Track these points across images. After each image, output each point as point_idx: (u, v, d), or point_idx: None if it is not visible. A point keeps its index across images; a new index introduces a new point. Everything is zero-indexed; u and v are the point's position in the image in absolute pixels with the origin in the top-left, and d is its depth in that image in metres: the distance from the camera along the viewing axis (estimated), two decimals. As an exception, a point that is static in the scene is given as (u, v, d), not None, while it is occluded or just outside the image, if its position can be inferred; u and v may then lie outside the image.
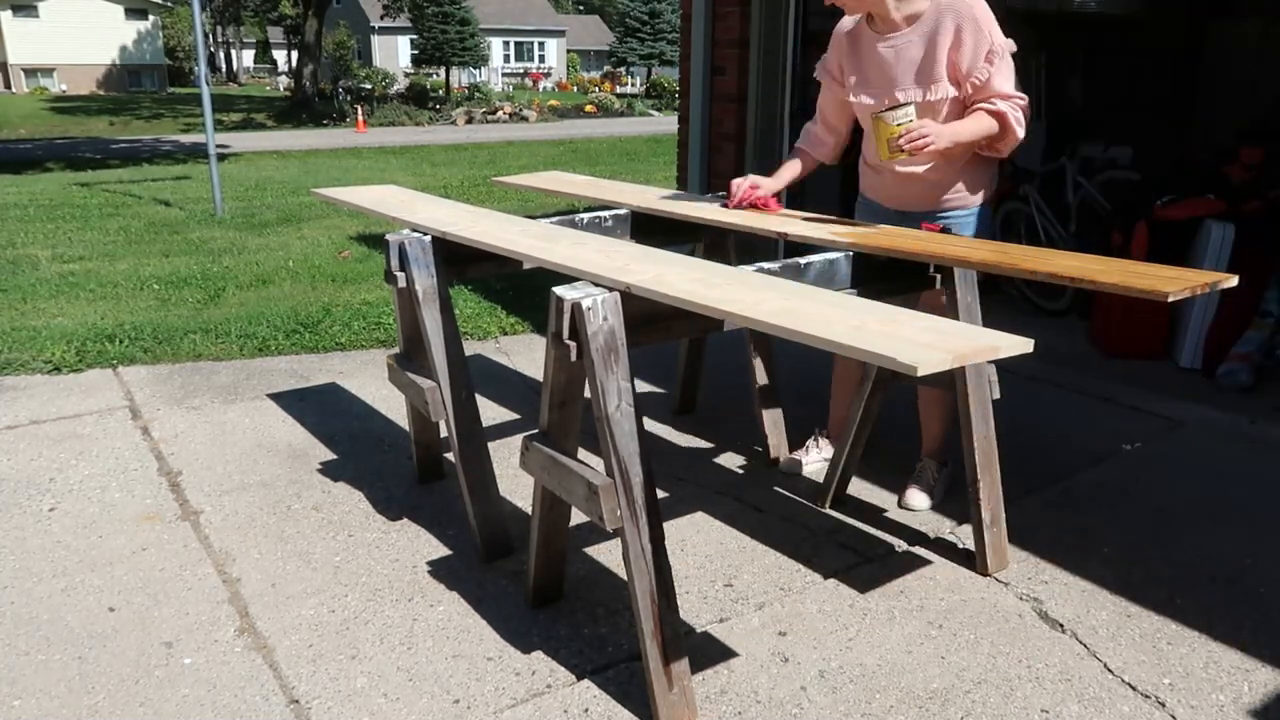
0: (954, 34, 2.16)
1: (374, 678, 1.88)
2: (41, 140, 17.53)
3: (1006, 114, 2.17)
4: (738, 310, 1.54)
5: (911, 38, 2.22)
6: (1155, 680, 1.89)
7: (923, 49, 2.20)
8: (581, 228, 2.50)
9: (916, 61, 2.22)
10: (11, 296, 4.79)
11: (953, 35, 2.16)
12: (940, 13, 2.17)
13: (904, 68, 2.24)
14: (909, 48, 2.22)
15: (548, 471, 1.87)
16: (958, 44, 2.16)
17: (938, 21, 2.18)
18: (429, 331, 2.29)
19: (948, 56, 2.17)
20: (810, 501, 2.64)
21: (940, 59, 2.18)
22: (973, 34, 2.14)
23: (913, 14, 2.21)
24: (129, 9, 37.00)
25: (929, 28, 2.19)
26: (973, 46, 2.15)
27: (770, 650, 1.98)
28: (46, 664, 1.92)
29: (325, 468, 2.85)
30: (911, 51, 2.22)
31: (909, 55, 2.23)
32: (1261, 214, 3.86)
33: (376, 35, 39.95)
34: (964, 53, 2.16)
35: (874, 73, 2.30)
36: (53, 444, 3.00)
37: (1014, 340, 1.44)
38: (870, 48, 2.29)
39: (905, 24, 2.22)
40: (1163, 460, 2.93)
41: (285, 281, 5.23)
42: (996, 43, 2.16)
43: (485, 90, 29.43)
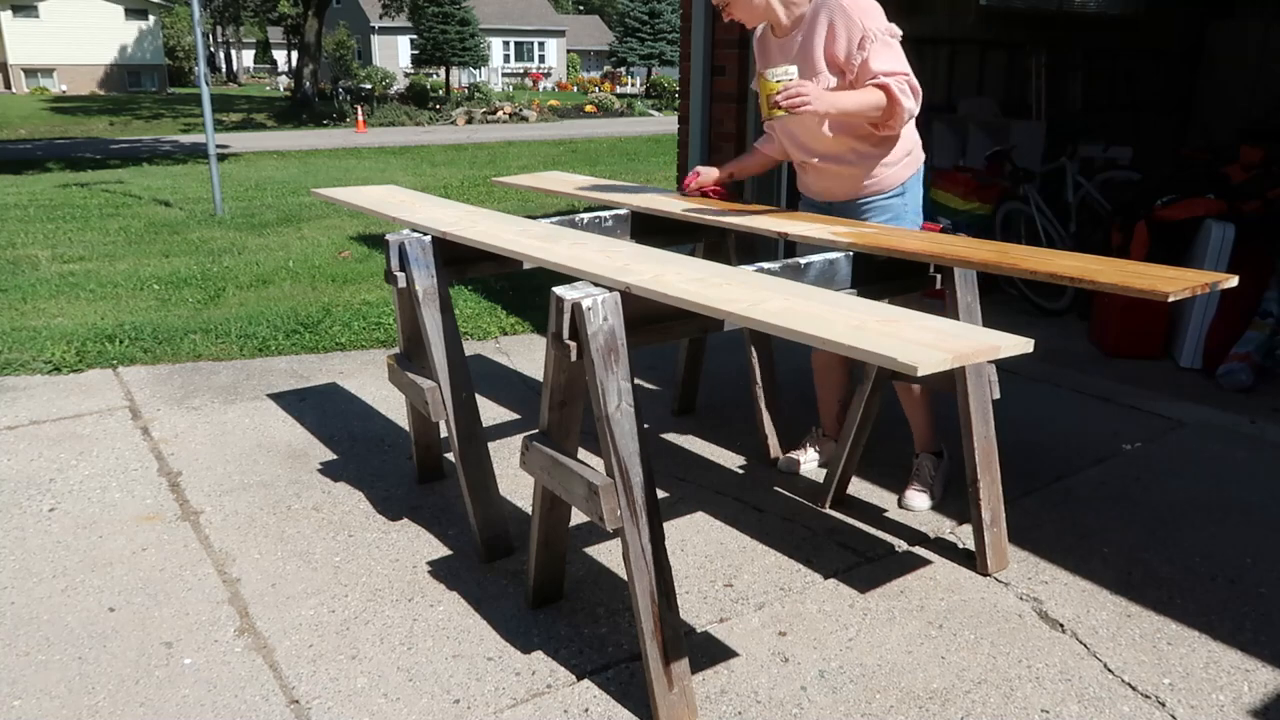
0: (828, 27, 2.30)
1: (374, 678, 1.89)
2: (41, 140, 17.53)
3: (889, 85, 2.24)
4: (737, 310, 1.54)
5: (796, 37, 2.38)
6: (1155, 680, 1.89)
7: (806, 44, 2.36)
8: (581, 228, 2.50)
9: (804, 57, 2.35)
10: (11, 297, 4.79)
11: (826, 28, 2.30)
12: (816, 10, 2.34)
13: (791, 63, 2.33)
14: (793, 45, 2.39)
15: (548, 471, 1.87)
16: (832, 36, 2.30)
17: (813, 18, 2.34)
18: (429, 331, 2.29)
19: (825, 48, 2.32)
20: (810, 501, 2.64)
21: (818, 51, 2.32)
22: (844, 25, 2.28)
23: (799, 16, 2.38)
24: (129, 9, 36.99)
25: (808, 25, 2.35)
26: (845, 36, 2.28)
27: (770, 650, 1.98)
28: (46, 664, 1.92)
29: (325, 468, 2.85)
30: (794, 48, 2.38)
31: (792, 52, 2.39)
32: (1261, 214, 3.86)
33: (376, 35, 39.95)
34: (839, 43, 2.29)
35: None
36: (53, 444, 3.00)
37: (1014, 340, 1.44)
38: (772, 49, 2.47)
39: (793, 26, 2.39)
40: (1163, 460, 2.93)
41: (285, 281, 5.24)
42: (869, 28, 2.26)
43: (485, 90, 29.43)
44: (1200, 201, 3.91)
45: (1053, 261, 1.87)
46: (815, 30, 2.32)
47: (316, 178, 10.61)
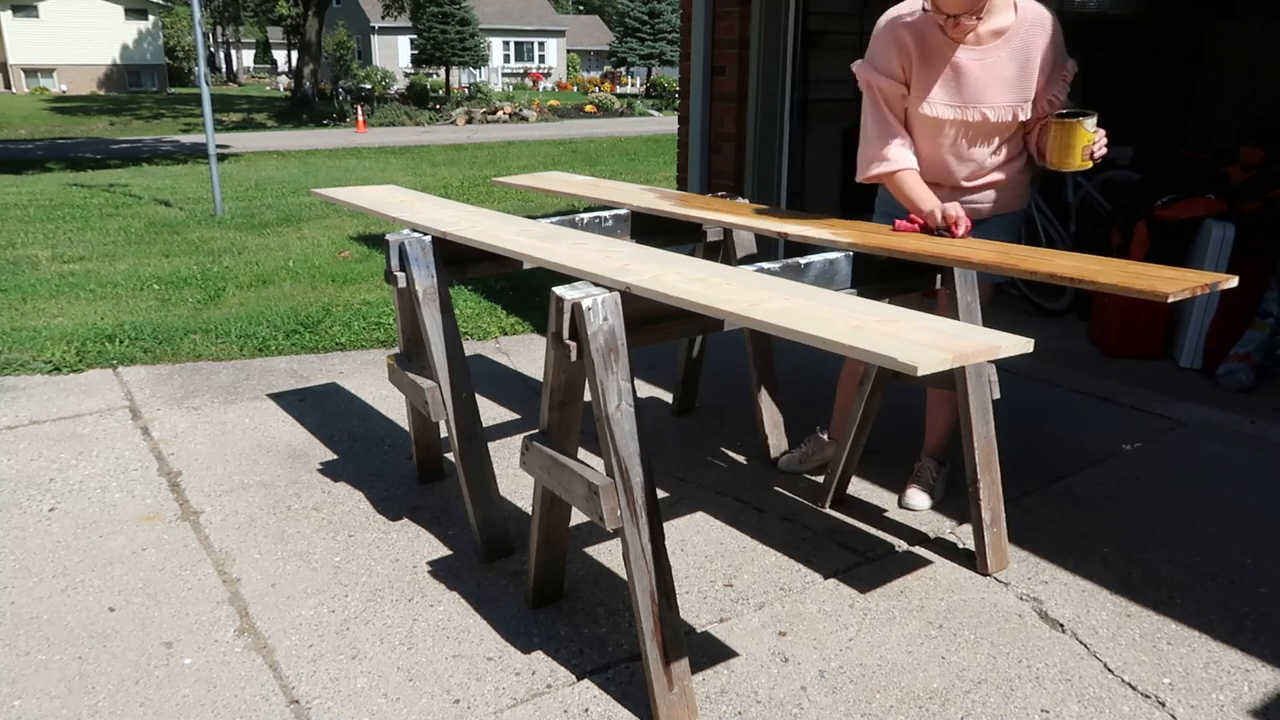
0: (1044, 51, 2.12)
1: (374, 678, 1.89)
2: (42, 140, 17.53)
3: None
4: (737, 310, 1.54)
5: (1000, 53, 2.14)
6: (1155, 680, 1.89)
7: (1015, 65, 2.13)
8: (581, 228, 2.50)
9: (1010, 79, 2.14)
10: (11, 296, 4.79)
11: (1043, 52, 2.12)
12: (1030, 28, 2.13)
13: (994, 81, 2.15)
14: (999, 63, 2.14)
15: (548, 471, 1.87)
16: (1047, 61, 2.13)
17: (1029, 37, 2.12)
18: (429, 331, 2.29)
19: (1037, 74, 2.14)
20: (810, 501, 2.64)
21: (1033, 75, 2.14)
22: (1059, 53, 2.14)
23: (999, 28, 2.13)
24: (129, 9, 37.00)
25: (1021, 44, 2.13)
26: (1057, 65, 2.14)
27: (770, 650, 1.98)
28: (46, 664, 1.92)
29: (325, 468, 2.85)
30: (1003, 67, 2.14)
31: (1000, 71, 2.14)
32: (1261, 214, 3.86)
33: (376, 35, 39.95)
34: (1050, 71, 2.14)
35: (954, 83, 2.17)
36: (53, 444, 3.00)
37: (1014, 340, 1.44)
38: (942, 57, 2.16)
39: (992, 38, 2.14)
40: (1163, 460, 2.93)
41: (285, 281, 5.24)
42: (1069, 63, 2.17)
43: (485, 90, 29.43)
44: (1200, 201, 3.91)
45: (1052, 262, 1.87)
46: (1032, 51, 2.12)
47: (316, 178, 10.61)
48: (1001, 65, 2.14)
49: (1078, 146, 2.04)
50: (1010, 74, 2.14)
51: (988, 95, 2.16)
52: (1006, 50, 2.13)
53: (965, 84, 2.17)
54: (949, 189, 2.30)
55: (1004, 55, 2.14)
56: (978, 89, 2.16)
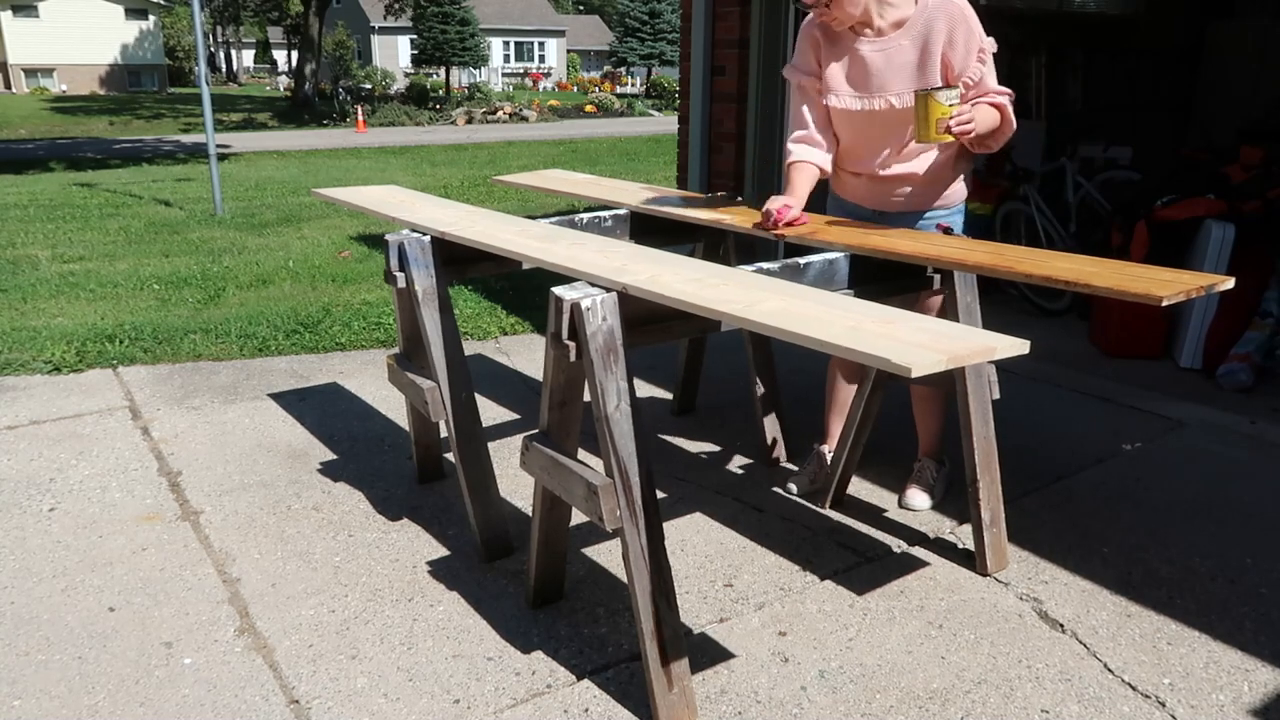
0: (947, 35, 2.17)
1: (374, 678, 1.89)
2: (43, 140, 17.53)
3: (1006, 106, 2.19)
4: (733, 311, 1.54)
5: (901, 42, 2.22)
6: (1155, 680, 1.89)
7: (915, 52, 2.20)
8: (581, 228, 2.50)
9: (910, 65, 2.21)
10: (11, 296, 4.79)
11: (945, 36, 2.18)
12: (930, 16, 2.19)
13: (895, 71, 2.23)
14: (899, 52, 2.22)
15: (548, 472, 1.87)
16: (951, 44, 2.18)
17: (929, 25, 2.19)
18: (428, 331, 2.29)
19: (942, 58, 2.19)
20: (810, 502, 2.64)
21: (935, 61, 2.19)
22: (964, 35, 2.17)
23: (899, 19, 2.22)
24: (129, 9, 37.00)
25: (920, 31, 2.20)
26: (964, 47, 2.17)
27: (770, 650, 1.98)
28: (46, 664, 1.92)
29: (325, 468, 2.85)
30: (903, 56, 2.21)
31: (900, 59, 2.22)
32: (1261, 214, 3.86)
33: (376, 35, 39.95)
34: (957, 53, 2.18)
35: (860, 75, 2.27)
36: (53, 444, 3.00)
37: (1010, 341, 1.44)
38: (849, 50, 2.27)
39: (892, 29, 2.23)
40: (1163, 460, 2.93)
41: (285, 281, 5.24)
42: (985, 41, 2.19)
43: (485, 90, 29.42)
44: (1200, 201, 3.91)
45: (1049, 264, 1.87)
46: (932, 37, 2.17)
47: (316, 178, 10.61)
48: (903, 54, 2.21)
49: (931, 119, 2.07)
50: (911, 61, 2.20)
51: (891, 84, 2.23)
52: (907, 39, 2.21)
53: (869, 75, 2.25)
54: (868, 178, 2.38)
55: (905, 44, 2.21)
56: (881, 79, 2.24)
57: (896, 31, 2.22)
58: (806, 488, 2.70)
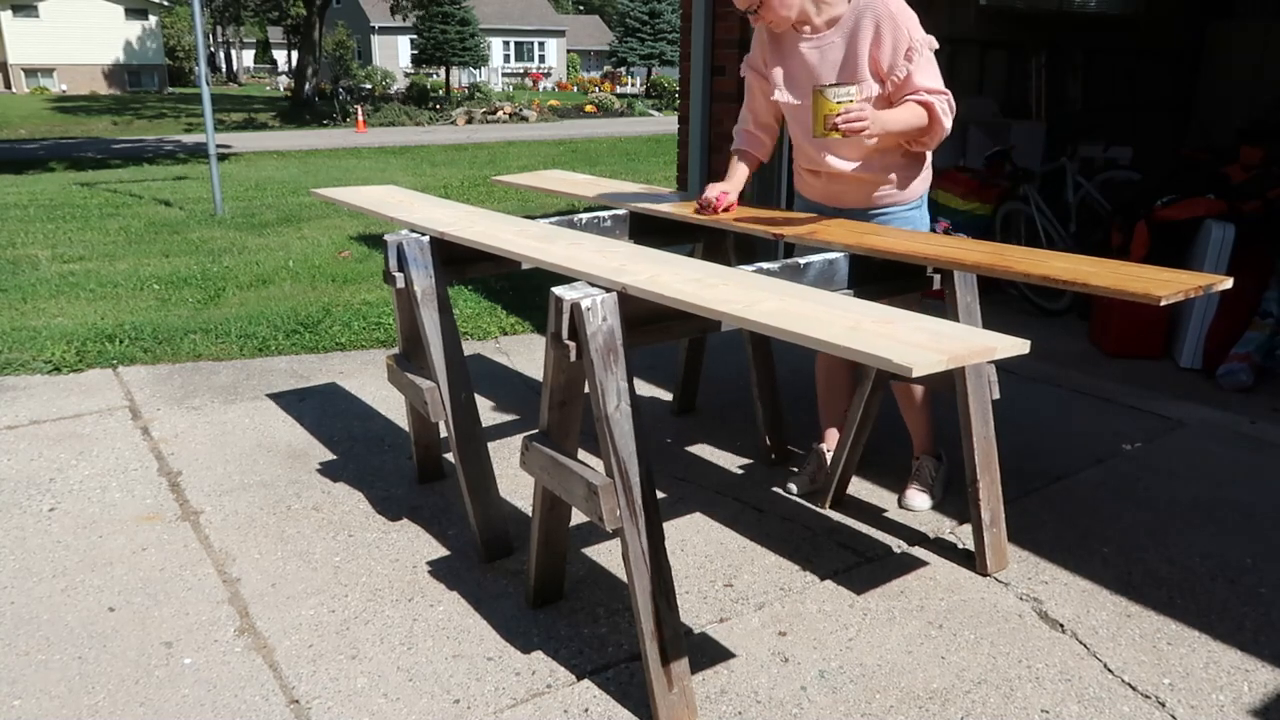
0: (873, 32, 2.21)
1: (374, 678, 1.89)
2: (44, 140, 17.53)
3: (934, 105, 2.21)
4: (733, 311, 1.54)
5: (834, 39, 2.28)
6: (1155, 680, 1.89)
7: (843, 49, 2.26)
8: (580, 228, 2.50)
9: (839, 62, 2.27)
10: (12, 296, 4.80)
11: (872, 33, 2.21)
12: (859, 13, 2.23)
13: (827, 68, 2.29)
14: (831, 49, 2.28)
15: (548, 471, 1.87)
16: (877, 41, 2.21)
17: (857, 22, 2.24)
18: (428, 332, 2.30)
19: (869, 54, 2.23)
20: (810, 502, 2.64)
21: (862, 58, 2.23)
22: (891, 31, 2.20)
23: (833, 17, 2.27)
24: (129, 9, 36.99)
25: (849, 28, 2.25)
26: (892, 44, 2.20)
27: (770, 650, 1.98)
28: (46, 664, 1.92)
29: (325, 468, 2.85)
30: (834, 53, 2.28)
31: (832, 56, 2.28)
32: (1261, 214, 3.86)
33: (376, 35, 39.94)
34: (884, 50, 2.21)
35: (798, 72, 2.35)
36: (53, 444, 3.00)
37: (1010, 341, 1.44)
38: (793, 48, 2.35)
39: (826, 27, 2.29)
40: (1163, 461, 2.93)
41: (285, 281, 5.24)
42: (915, 38, 2.20)
43: (485, 90, 29.42)
44: (1200, 201, 3.91)
45: (1047, 264, 1.87)
46: (859, 35, 2.23)
47: (316, 178, 10.61)
48: (835, 51, 2.28)
49: (819, 115, 2.11)
50: (839, 58, 2.27)
51: (822, 79, 2.29)
52: (839, 36, 2.27)
53: (806, 71, 2.33)
54: (825, 175, 2.44)
55: (837, 41, 2.28)
56: (815, 75, 2.31)
57: (830, 29, 2.28)
58: (806, 487, 2.70)
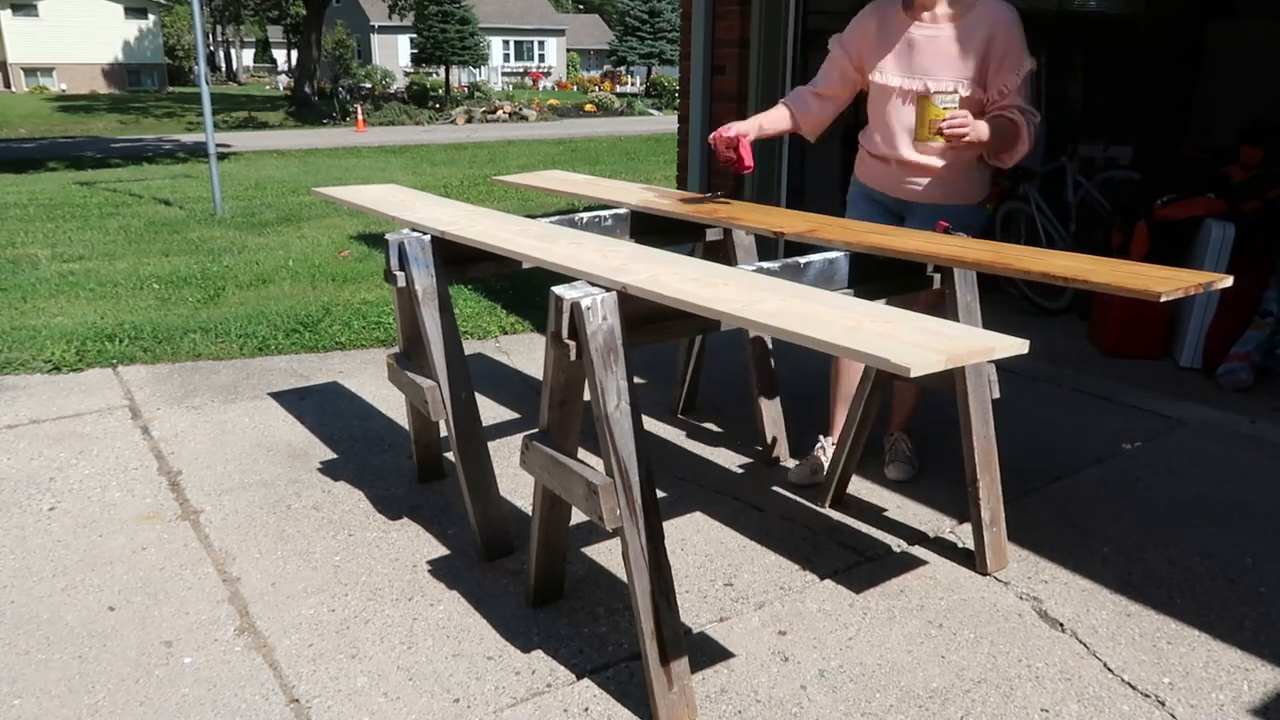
0: (990, 36, 2.28)
1: (374, 677, 1.89)
2: (44, 139, 17.52)
3: (1023, 125, 2.29)
4: (733, 310, 1.54)
5: (949, 32, 2.31)
6: (1155, 679, 1.89)
7: (959, 47, 2.30)
8: (581, 227, 2.50)
9: (955, 57, 2.31)
10: (11, 296, 4.79)
11: (988, 39, 2.28)
12: (985, 16, 2.29)
13: (940, 59, 2.32)
14: (949, 42, 2.31)
15: (548, 471, 1.87)
16: (992, 48, 2.28)
17: (981, 24, 2.29)
18: (428, 331, 2.30)
19: (981, 57, 2.28)
20: (810, 501, 2.64)
21: (977, 59, 2.29)
22: (1005, 42, 2.27)
23: (954, 11, 2.32)
24: (129, 8, 36.98)
25: (972, 28, 2.29)
26: (1004, 55, 2.28)
27: (770, 649, 1.98)
28: (46, 663, 1.92)
29: (325, 467, 2.85)
30: (948, 46, 2.31)
31: (948, 49, 2.31)
32: (1261, 213, 3.86)
33: (376, 34, 39.92)
34: (994, 57, 2.28)
35: (906, 55, 2.37)
36: (52, 443, 3.00)
37: (1009, 341, 1.44)
38: (903, 30, 2.37)
39: (945, 19, 2.32)
40: (1162, 460, 2.93)
41: (285, 281, 5.24)
42: (1027, 58, 2.30)
43: (485, 89, 29.40)
44: (1200, 201, 3.91)
45: (1047, 261, 1.87)
46: (975, 36, 2.28)
47: (316, 177, 10.61)
48: (948, 44, 2.32)
49: (925, 119, 2.21)
50: (954, 53, 2.32)
51: (932, 69, 2.34)
52: (956, 31, 2.32)
53: (914, 56, 2.36)
54: (895, 162, 2.48)
55: (952, 34, 2.32)
56: (924, 62, 2.35)
57: (950, 23, 2.32)
58: (806, 479, 2.71)
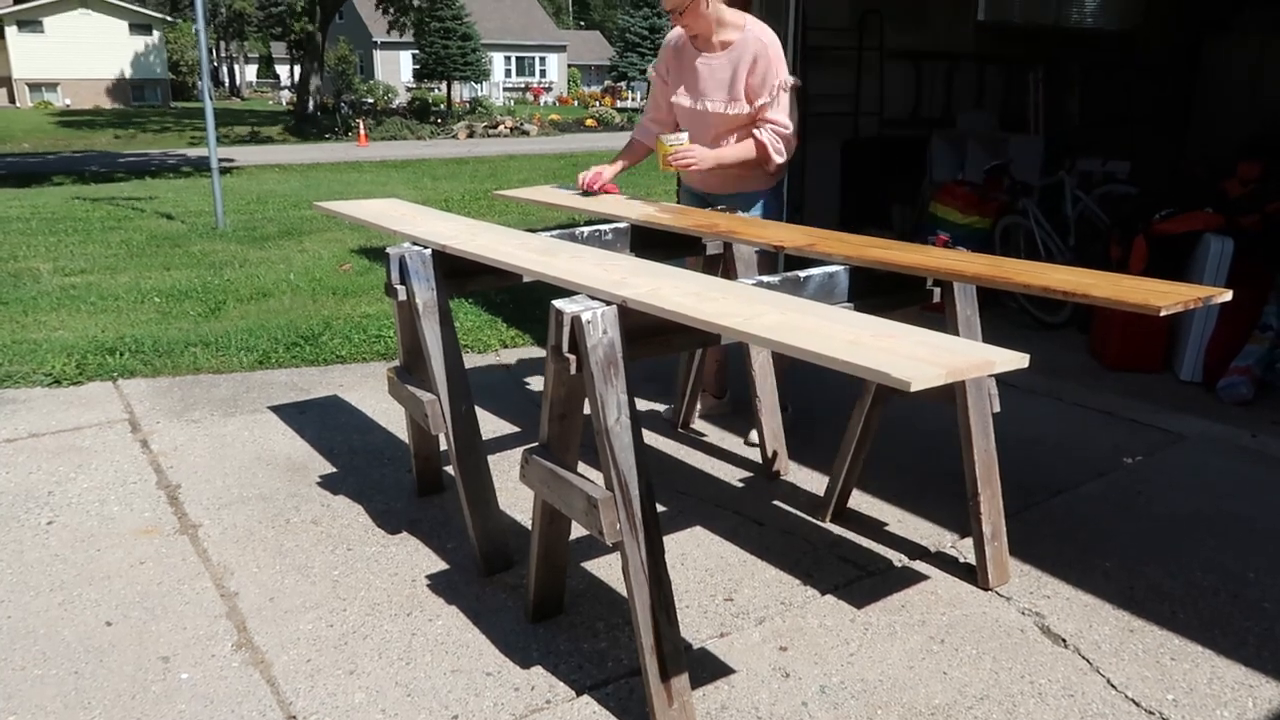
0: (751, 63, 2.72)
1: (372, 693, 1.87)
2: (49, 154, 17.59)
3: (766, 144, 2.77)
4: (733, 324, 1.54)
5: (723, 60, 2.78)
6: (1159, 696, 1.88)
7: (729, 72, 2.77)
8: (581, 241, 2.51)
9: (725, 82, 2.78)
10: (13, 309, 4.80)
11: (750, 63, 2.73)
12: (746, 44, 2.74)
13: (714, 83, 2.80)
14: (720, 69, 2.79)
15: (547, 485, 1.87)
16: (753, 72, 2.73)
17: (742, 51, 2.74)
18: (429, 344, 2.30)
19: (746, 81, 2.74)
20: (811, 515, 2.64)
21: (740, 82, 2.76)
22: (764, 68, 2.72)
23: (726, 40, 2.77)
24: (133, 24, 37.24)
25: (736, 55, 2.76)
26: (762, 77, 2.72)
27: (771, 665, 1.97)
28: (43, 679, 1.91)
29: (324, 481, 2.85)
30: (721, 72, 2.79)
31: (719, 75, 2.79)
32: (1259, 228, 3.86)
33: (379, 50, 40.17)
34: (755, 79, 2.73)
35: (691, 81, 2.86)
36: (52, 457, 3.00)
37: (1009, 355, 1.44)
38: (690, 60, 2.85)
39: (720, 48, 2.79)
40: (1164, 474, 2.93)
41: (286, 294, 5.25)
42: (781, 78, 2.74)
43: (487, 104, 29.57)
44: (1198, 216, 3.92)
45: (1047, 275, 1.87)
46: (741, 61, 2.74)
47: (318, 191, 10.65)
48: (721, 70, 2.80)
49: (660, 153, 2.81)
50: (725, 78, 2.79)
51: (710, 92, 2.82)
52: (727, 59, 2.78)
53: (698, 82, 2.85)
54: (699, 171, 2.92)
55: (724, 62, 2.79)
56: (705, 87, 2.83)
57: (722, 51, 2.79)
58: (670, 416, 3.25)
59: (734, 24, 2.76)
